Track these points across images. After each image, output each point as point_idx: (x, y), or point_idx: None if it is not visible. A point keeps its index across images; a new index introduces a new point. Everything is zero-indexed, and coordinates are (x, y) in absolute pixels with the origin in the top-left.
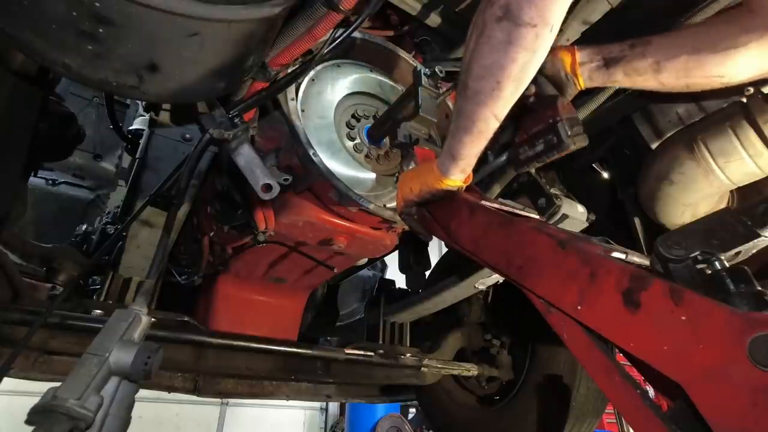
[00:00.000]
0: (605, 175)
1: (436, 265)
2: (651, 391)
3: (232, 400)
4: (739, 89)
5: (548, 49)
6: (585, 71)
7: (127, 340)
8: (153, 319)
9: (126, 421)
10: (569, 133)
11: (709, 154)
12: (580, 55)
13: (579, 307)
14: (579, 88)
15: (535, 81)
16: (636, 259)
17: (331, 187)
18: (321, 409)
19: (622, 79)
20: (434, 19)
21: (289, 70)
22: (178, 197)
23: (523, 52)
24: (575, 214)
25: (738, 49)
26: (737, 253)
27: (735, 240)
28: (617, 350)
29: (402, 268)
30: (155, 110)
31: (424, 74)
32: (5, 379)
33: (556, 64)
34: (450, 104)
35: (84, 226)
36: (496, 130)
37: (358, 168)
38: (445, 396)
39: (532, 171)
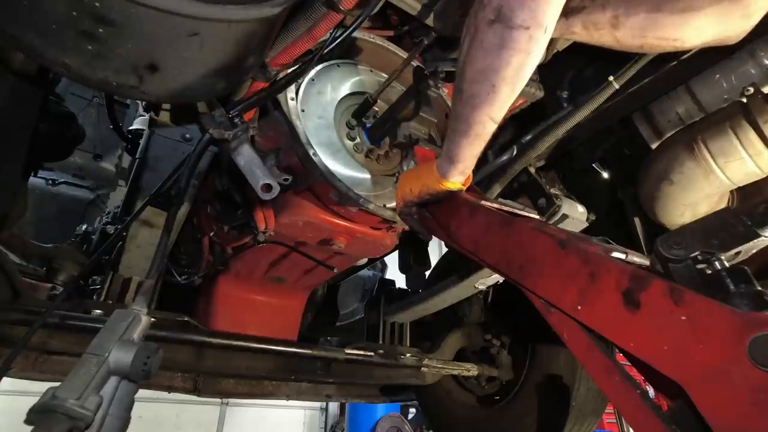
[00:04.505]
0: (605, 175)
1: (436, 265)
2: (651, 391)
3: (232, 400)
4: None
5: (544, 50)
6: None
7: (126, 340)
8: (153, 319)
9: (126, 420)
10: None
11: (709, 154)
12: None
13: (579, 307)
14: None
15: None
16: (636, 259)
17: (331, 187)
18: (321, 409)
19: (579, 31)
20: None
21: (289, 70)
22: (178, 197)
23: (517, 54)
24: (575, 214)
25: (695, 12)
26: (737, 253)
27: (735, 240)
28: (617, 350)
29: (402, 268)
30: (155, 110)
31: (424, 74)
32: (5, 379)
33: None
34: (450, 104)
35: (84, 226)
36: (494, 131)
37: (358, 168)
38: (445, 396)
39: (532, 171)
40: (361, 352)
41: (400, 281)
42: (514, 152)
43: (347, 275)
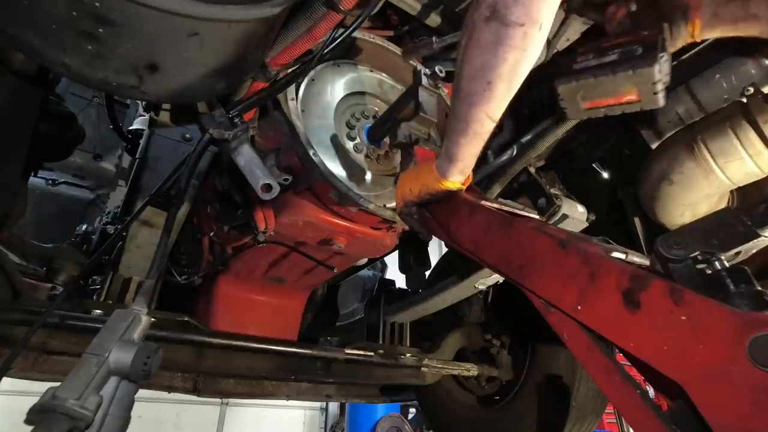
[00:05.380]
0: (605, 175)
1: (436, 265)
2: (651, 391)
3: (232, 400)
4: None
5: (540, 47)
6: (710, 7)
7: (126, 340)
8: (153, 319)
9: (126, 420)
10: (662, 56)
11: (709, 154)
12: None
13: (579, 307)
14: (691, 34)
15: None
16: (636, 259)
17: (331, 187)
18: (321, 409)
19: (765, 13)
20: (434, 19)
21: (289, 70)
22: (178, 197)
23: (512, 51)
24: (575, 214)
25: None
26: (737, 253)
27: (735, 240)
28: (617, 350)
29: (402, 268)
30: (155, 110)
31: (424, 74)
32: (5, 379)
33: None
34: (450, 103)
35: (84, 226)
36: (492, 130)
37: (358, 168)
38: (445, 396)
39: (532, 171)
40: (361, 352)
41: (400, 281)
42: (514, 152)
43: (347, 275)
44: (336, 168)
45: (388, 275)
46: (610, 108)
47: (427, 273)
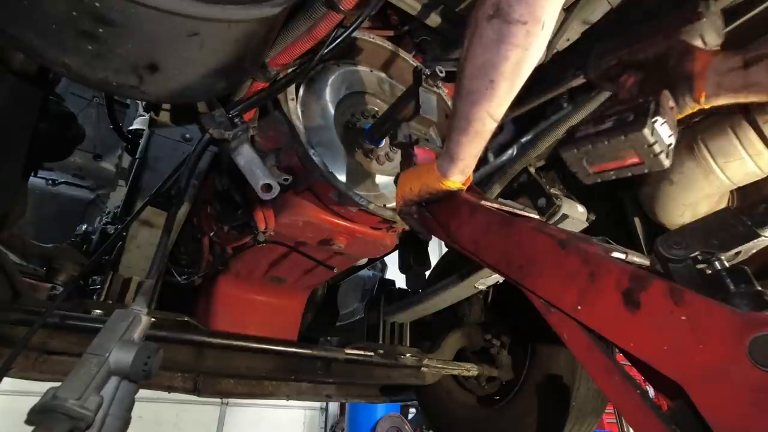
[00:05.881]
0: None
1: (436, 265)
2: (651, 391)
3: (232, 400)
4: None
5: (543, 47)
6: (713, 77)
7: (127, 340)
8: (153, 319)
9: (126, 421)
10: (654, 120)
11: (709, 154)
12: (715, 59)
13: (579, 307)
14: (697, 101)
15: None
16: (636, 259)
17: (331, 187)
18: (321, 409)
19: (765, 80)
20: (434, 19)
21: (289, 70)
22: (178, 197)
23: (514, 49)
24: (575, 214)
25: None
26: (737, 253)
27: (735, 240)
28: (617, 350)
29: (402, 268)
30: (155, 110)
31: (424, 74)
32: (5, 379)
33: (684, 62)
34: (450, 103)
35: (84, 226)
36: (493, 130)
37: (357, 168)
38: (445, 396)
39: (532, 171)
40: (361, 352)
41: (400, 281)
42: (514, 152)
43: (347, 275)
44: (336, 168)
45: (388, 275)
46: (617, 171)
47: (427, 273)
